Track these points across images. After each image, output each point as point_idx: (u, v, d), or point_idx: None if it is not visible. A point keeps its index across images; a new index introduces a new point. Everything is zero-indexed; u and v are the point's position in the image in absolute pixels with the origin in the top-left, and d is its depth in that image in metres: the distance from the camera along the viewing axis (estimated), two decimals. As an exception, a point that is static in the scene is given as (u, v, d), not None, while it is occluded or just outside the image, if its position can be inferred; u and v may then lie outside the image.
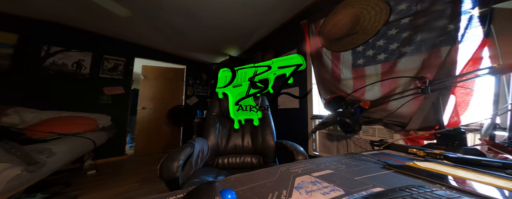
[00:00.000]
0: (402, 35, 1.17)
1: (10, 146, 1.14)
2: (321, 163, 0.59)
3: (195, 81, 4.05)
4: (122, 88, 3.08)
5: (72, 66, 2.71)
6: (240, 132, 1.41)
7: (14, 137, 1.43)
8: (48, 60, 2.55)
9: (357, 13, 0.99)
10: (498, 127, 0.75)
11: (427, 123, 0.98)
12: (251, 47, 3.15)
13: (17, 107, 2.10)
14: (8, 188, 1.03)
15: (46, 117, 2.12)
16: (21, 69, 2.37)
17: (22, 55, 2.36)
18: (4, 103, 2.11)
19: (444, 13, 1.00)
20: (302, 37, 1.98)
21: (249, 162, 1.32)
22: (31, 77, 2.44)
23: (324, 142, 1.68)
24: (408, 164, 0.57)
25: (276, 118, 1.55)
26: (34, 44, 2.46)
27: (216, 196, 0.30)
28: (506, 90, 0.78)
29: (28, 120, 2.03)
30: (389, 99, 1.18)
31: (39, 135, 1.65)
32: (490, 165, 0.52)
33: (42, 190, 1.63)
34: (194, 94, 4.01)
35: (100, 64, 2.92)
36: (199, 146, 1.11)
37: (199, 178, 0.94)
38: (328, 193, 0.37)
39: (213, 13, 2.18)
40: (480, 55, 0.87)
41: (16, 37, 2.32)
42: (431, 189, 0.36)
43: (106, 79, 2.96)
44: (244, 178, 0.47)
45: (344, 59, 1.54)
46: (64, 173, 2.13)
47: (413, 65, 1.11)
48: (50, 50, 2.56)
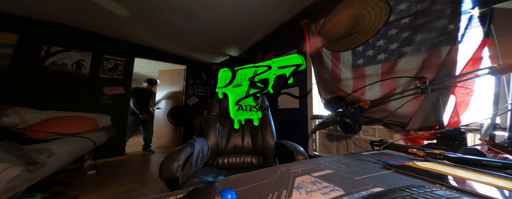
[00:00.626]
0: (402, 35, 1.17)
1: (10, 146, 1.14)
2: (321, 163, 0.59)
3: (195, 81, 4.05)
4: (122, 88, 3.07)
5: (72, 66, 2.71)
6: (240, 132, 1.41)
7: (14, 137, 1.43)
8: (48, 60, 2.55)
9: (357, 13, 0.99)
10: (498, 127, 0.75)
11: (427, 123, 0.98)
12: (251, 47, 3.15)
13: (17, 107, 2.10)
14: (8, 188, 1.03)
15: (46, 117, 2.12)
16: (21, 69, 2.37)
17: (22, 55, 2.36)
18: (4, 103, 2.11)
19: (444, 13, 1.00)
20: (302, 37, 1.98)
21: (249, 162, 1.32)
22: (31, 77, 2.44)
23: (324, 142, 1.68)
24: (408, 164, 0.57)
25: (276, 118, 1.55)
26: (34, 44, 2.46)
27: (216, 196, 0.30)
28: (506, 90, 0.77)
29: (28, 120, 2.03)
30: (389, 99, 1.18)
31: (39, 135, 1.65)
32: (490, 165, 0.52)
33: (42, 190, 1.63)
34: (194, 94, 4.01)
35: (100, 64, 2.91)
36: (199, 146, 1.11)
37: (199, 178, 0.94)
38: (328, 193, 0.37)
39: (213, 13, 2.18)
40: (480, 55, 0.87)
41: (16, 37, 2.32)
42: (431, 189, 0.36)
43: (106, 79, 2.96)
44: (244, 178, 0.47)
45: (344, 59, 1.54)
46: (64, 173, 2.13)
47: (413, 65, 1.11)
48: (50, 50, 2.56)
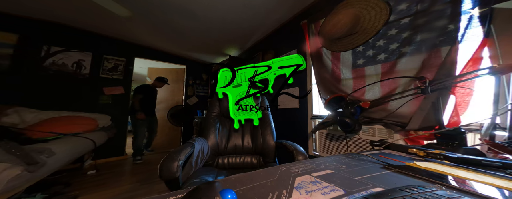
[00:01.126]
0: (402, 35, 1.17)
1: (10, 146, 1.14)
2: (321, 163, 0.59)
3: (195, 81, 4.05)
4: (122, 88, 3.08)
5: (72, 66, 2.71)
6: (240, 132, 1.41)
7: (14, 137, 1.43)
8: (48, 60, 2.55)
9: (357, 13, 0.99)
10: (498, 127, 0.75)
11: (427, 123, 0.98)
12: (251, 47, 3.15)
13: (17, 107, 2.10)
14: (8, 188, 1.03)
15: (46, 117, 2.12)
16: (21, 69, 2.37)
17: (22, 55, 2.36)
18: (4, 103, 2.11)
19: (444, 13, 1.00)
20: (302, 37, 1.98)
21: (249, 162, 1.32)
22: (31, 77, 2.44)
23: (324, 142, 1.68)
24: (408, 164, 0.57)
25: (276, 118, 1.55)
26: (34, 44, 2.46)
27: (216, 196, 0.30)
28: (506, 90, 0.77)
29: (28, 120, 2.03)
30: (389, 99, 1.18)
31: (39, 135, 1.65)
32: (490, 165, 0.52)
33: (42, 190, 1.63)
34: (194, 94, 4.01)
35: (100, 64, 2.92)
36: (199, 146, 1.11)
37: (199, 178, 0.94)
38: (328, 193, 0.37)
39: (213, 13, 2.18)
40: (480, 55, 0.87)
41: (16, 37, 2.32)
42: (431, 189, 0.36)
43: (106, 79, 2.96)
44: (244, 178, 0.47)
45: (344, 59, 1.54)
46: (64, 173, 2.13)
47: (413, 65, 1.11)
48: (50, 50, 2.56)
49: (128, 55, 3.16)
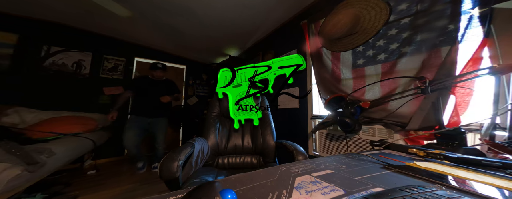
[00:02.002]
0: (402, 35, 1.17)
1: (10, 146, 1.14)
2: (321, 163, 0.59)
3: (195, 81, 4.05)
4: (122, 88, 3.07)
5: (72, 66, 2.71)
6: (240, 132, 1.41)
7: (14, 137, 1.43)
8: (48, 60, 2.55)
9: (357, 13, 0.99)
10: (498, 127, 0.75)
11: (427, 123, 0.98)
12: (251, 47, 3.15)
13: (17, 107, 2.10)
14: (8, 188, 1.03)
15: (46, 117, 2.12)
16: (21, 69, 2.37)
17: (22, 55, 2.36)
18: (4, 103, 2.11)
19: (444, 13, 1.00)
20: (302, 37, 1.98)
21: (249, 162, 1.32)
22: (31, 77, 2.44)
23: (324, 142, 1.68)
24: (408, 164, 0.57)
25: (276, 118, 1.55)
26: (34, 44, 2.46)
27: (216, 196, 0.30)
28: (506, 90, 0.77)
29: (28, 120, 2.03)
30: (389, 99, 1.18)
31: (39, 135, 1.65)
32: (490, 165, 0.52)
33: (42, 190, 1.63)
34: (194, 94, 4.00)
35: (100, 64, 2.92)
36: (199, 146, 1.11)
37: (199, 178, 0.94)
38: (328, 193, 0.37)
39: (213, 13, 2.18)
40: (480, 55, 0.87)
41: (16, 37, 2.32)
42: (431, 189, 0.36)
43: (106, 79, 2.96)
44: (244, 178, 0.47)
45: (344, 59, 1.54)
46: (64, 173, 2.13)
47: (413, 65, 1.11)
48: (50, 50, 2.56)
49: (128, 55, 3.16)
